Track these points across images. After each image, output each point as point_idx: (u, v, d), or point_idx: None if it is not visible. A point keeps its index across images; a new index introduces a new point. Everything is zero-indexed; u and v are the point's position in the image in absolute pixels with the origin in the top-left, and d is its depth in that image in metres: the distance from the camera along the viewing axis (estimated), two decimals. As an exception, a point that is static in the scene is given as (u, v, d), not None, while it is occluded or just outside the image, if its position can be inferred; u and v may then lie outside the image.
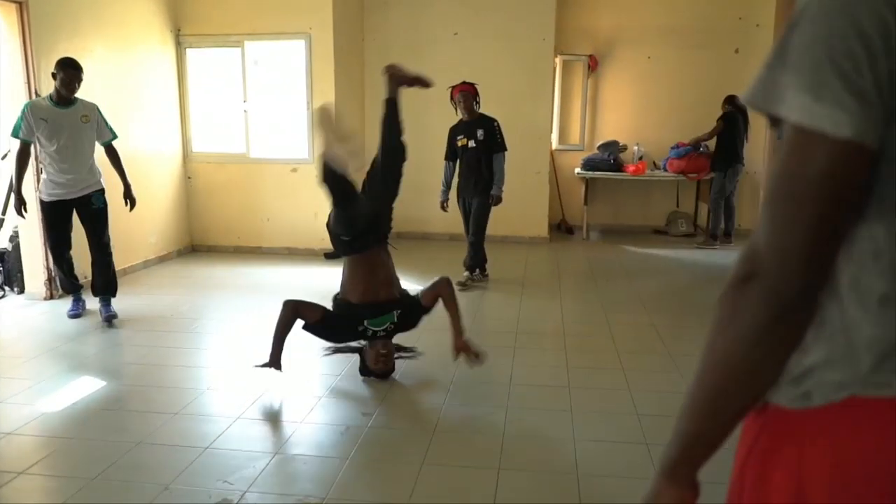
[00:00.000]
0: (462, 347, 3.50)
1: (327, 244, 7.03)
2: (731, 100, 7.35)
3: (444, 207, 6.11)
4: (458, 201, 6.02)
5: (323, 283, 5.57)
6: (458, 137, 5.81)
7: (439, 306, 3.54)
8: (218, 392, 3.49)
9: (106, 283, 4.61)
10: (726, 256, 7.01)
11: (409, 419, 3.22)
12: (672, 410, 1.03)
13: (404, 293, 3.58)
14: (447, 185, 6.04)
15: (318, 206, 6.74)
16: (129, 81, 6.07)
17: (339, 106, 6.67)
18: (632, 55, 8.15)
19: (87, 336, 4.32)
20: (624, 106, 8.32)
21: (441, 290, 3.55)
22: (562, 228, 8.30)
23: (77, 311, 4.65)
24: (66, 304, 4.75)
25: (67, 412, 3.16)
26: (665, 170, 7.81)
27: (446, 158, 6.05)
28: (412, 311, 3.52)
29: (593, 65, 8.14)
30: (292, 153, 6.84)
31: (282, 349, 3.45)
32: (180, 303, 5.14)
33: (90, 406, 3.24)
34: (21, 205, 4.37)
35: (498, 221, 7.53)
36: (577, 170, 8.07)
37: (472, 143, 5.75)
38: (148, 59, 6.42)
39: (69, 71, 4.29)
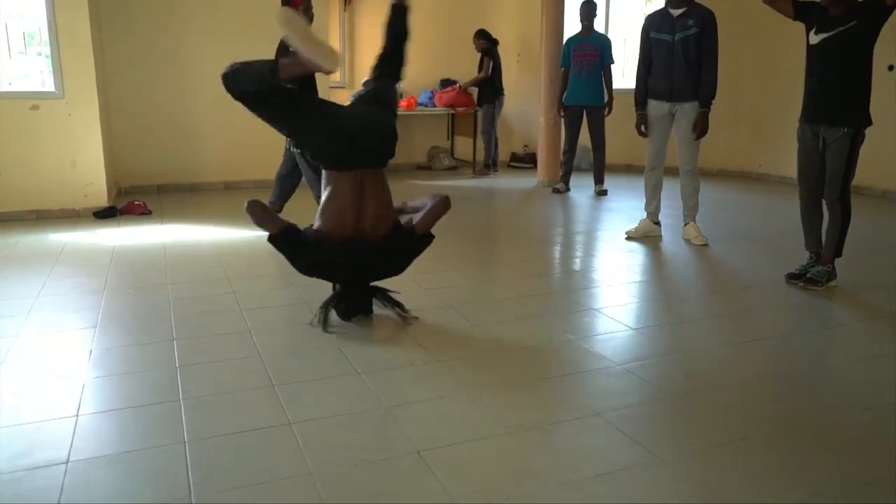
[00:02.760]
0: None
1: (93, 200, 5.63)
2: (484, 34, 7.76)
3: None
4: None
5: (96, 248, 4.43)
6: None
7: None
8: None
9: None
10: (499, 181, 7.52)
11: (457, 348, 2.81)
12: None
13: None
14: None
15: (74, 151, 5.33)
16: None
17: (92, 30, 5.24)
18: (385, -11, 8.02)
19: None
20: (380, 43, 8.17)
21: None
22: (332, 171, 7.90)
23: None
24: None
25: None
26: (433, 105, 7.96)
27: None
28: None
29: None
30: (29, 84, 5.18)
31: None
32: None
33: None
34: None
35: (278, 164, 6.87)
36: (344, 108, 7.73)
37: None
38: None
39: None
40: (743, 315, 3.19)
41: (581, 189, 6.83)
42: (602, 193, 6.53)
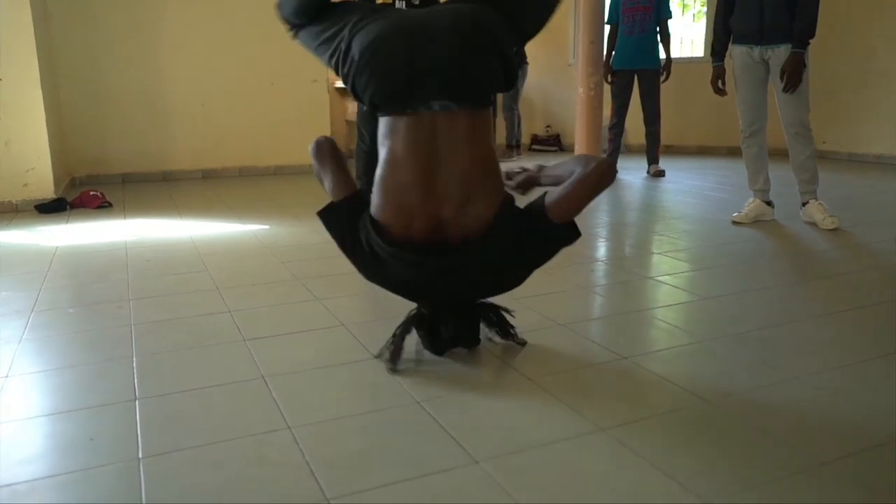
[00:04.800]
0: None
1: (36, 191, 4.42)
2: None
3: None
4: None
5: (33, 251, 3.29)
6: None
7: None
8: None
9: None
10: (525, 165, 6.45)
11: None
12: None
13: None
14: None
15: (8, 127, 4.17)
16: None
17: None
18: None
19: None
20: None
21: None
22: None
23: None
24: None
25: None
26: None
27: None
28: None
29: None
30: (-55, 40, 3.99)
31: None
32: None
33: None
34: None
35: (268, 149, 5.80)
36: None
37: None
38: None
39: None
40: None
41: (627, 171, 5.79)
42: (659, 174, 5.48)
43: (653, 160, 5.57)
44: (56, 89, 4.91)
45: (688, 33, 7.85)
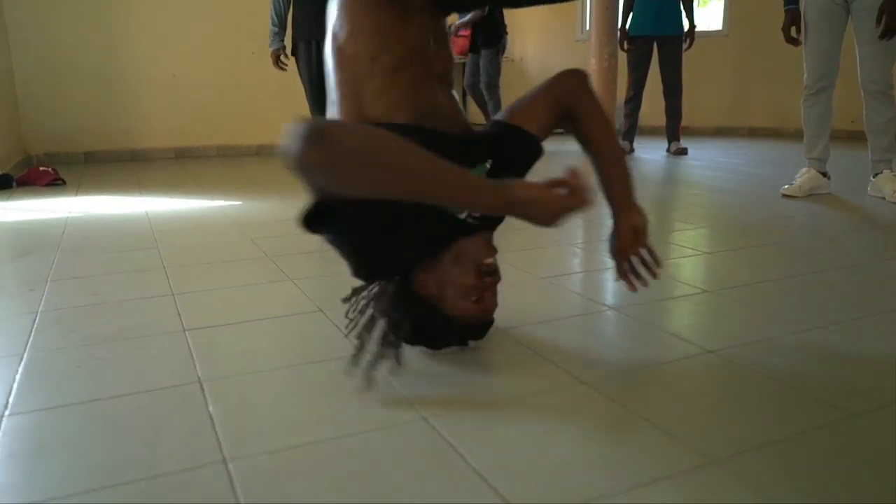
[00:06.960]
0: (633, 240, 1.47)
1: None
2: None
3: (279, 64, 3.48)
4: (298, 50, 3.34)
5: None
6: None
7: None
8: None
9: None
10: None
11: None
12: None
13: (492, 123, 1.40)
14: (281, 24, 3.37)
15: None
16: None
17: None
18: None
19: None
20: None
21: (570, 87, 1.40)
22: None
23: None
24: None
25: None
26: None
27: None
28: (511, 154, 1.35)
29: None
30: None
31: None
32: None
33: None
34: None
35: (249, 126, 5.26)
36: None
37: None
38: None
39: None
40: None
41: (646, 150, 5.27)
42: (680, 152, 4.97)
43: (673, 137, 5.06)
44: (4, 55, 4.36)
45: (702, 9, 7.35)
